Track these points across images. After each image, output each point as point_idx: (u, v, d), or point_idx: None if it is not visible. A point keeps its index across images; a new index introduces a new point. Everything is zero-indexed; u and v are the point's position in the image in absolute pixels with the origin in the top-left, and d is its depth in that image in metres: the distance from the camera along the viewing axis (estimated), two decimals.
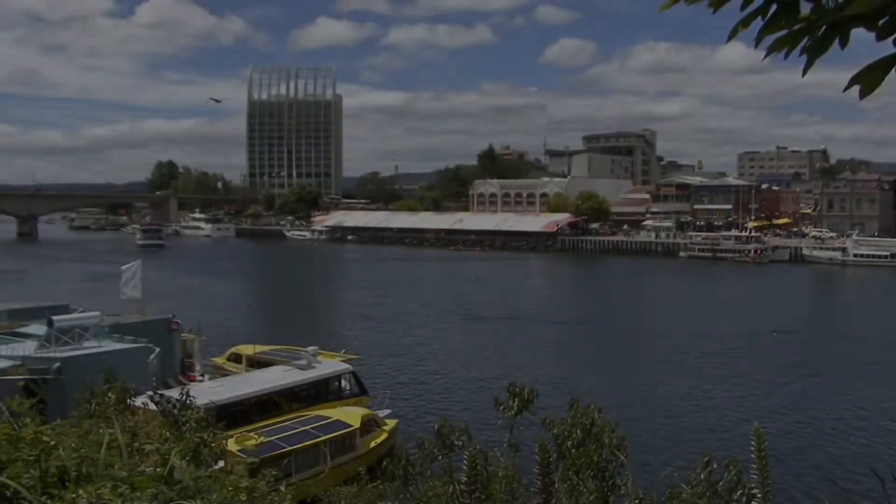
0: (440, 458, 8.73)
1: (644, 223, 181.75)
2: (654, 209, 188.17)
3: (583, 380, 51.38)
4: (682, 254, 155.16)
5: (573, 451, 7.94)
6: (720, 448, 34.38)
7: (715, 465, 7.31)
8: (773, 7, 2.54)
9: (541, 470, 4.59)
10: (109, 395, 8.63)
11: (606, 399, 40.95)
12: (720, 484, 7.22)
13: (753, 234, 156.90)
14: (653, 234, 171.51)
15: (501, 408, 9.10)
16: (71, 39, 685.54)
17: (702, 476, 7.28)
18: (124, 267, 48.46)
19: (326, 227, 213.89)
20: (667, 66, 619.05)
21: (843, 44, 2.55)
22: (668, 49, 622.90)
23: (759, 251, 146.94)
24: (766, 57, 2.69)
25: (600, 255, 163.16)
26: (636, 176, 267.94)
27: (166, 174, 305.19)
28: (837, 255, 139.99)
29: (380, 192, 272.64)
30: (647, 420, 42.17)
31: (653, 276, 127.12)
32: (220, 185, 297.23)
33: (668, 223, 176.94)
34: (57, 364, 31.41)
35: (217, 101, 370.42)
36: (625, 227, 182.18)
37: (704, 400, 47.07)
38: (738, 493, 7.07)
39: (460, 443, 8.75)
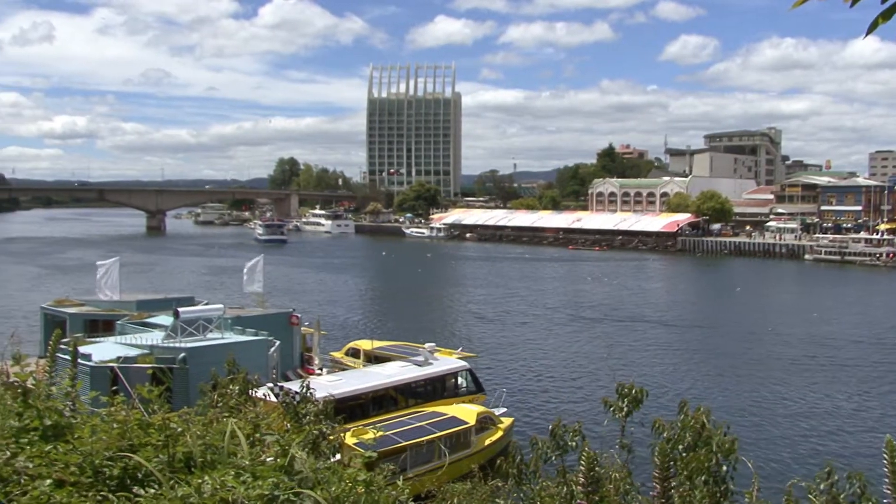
0: (553, 458, 8.68)
1: (768, 224, 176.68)
2: (779, 210, 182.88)
3: (697, 383, 50.66)
4: (807, 256, 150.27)
5: (684, 455, 7.80)
6: (839, 459, 33.33)
7: (836, 478, 7.06)
8: None
9: (660, 475, 4.52)
10: (233, 385, 8.84)
11: (720, 403, 40.20)
12: (842, 496, 6.97)
13: (886, 236, 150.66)
14: (777, 236, 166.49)
15: (611, 409, 9.00)
16: (198, 41, 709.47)
17: (821, 487, 7.03)
18: (248, 264, 49.60)
19: (445, 224, 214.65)
20: (793, 63, 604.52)
21: None
22: (793, 45, 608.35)
23: (891, 255, 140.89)
24: None
25: (721, 257, 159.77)
26: (760, 176, 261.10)
27: (288, 171, 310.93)
28: None
29: (498, 190, 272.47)
30: (762, 426, 41.26)
31: (776, 279, 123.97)
32: (340, 181, 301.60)
33: (793, 224, 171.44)
34: (182, 354, 32.38)
35: None
36: (747, 227, 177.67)
37: (825, 408, 45.70)
38: None
39: (574, 444, 8.68)
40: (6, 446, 3.80)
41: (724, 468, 7.71)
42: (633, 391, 8.95)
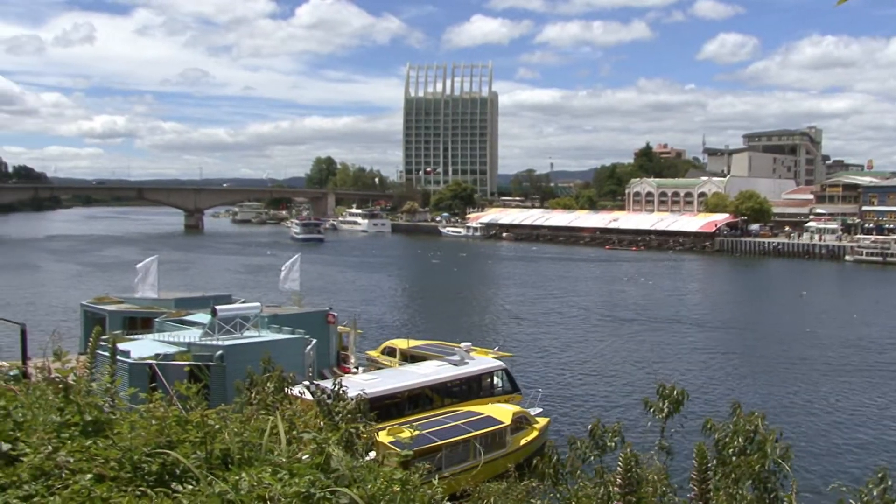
0: (592, 458, 8.63)
1: (807, 225, 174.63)
2: (819, 210, 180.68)
3: (736, 386, 50.14)
4: (847, 258, 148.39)
5: (733, 458, 7.69)
6: (878, 466, 32.88)
7: (890, 483, 6.92)
8: None
9: (698, 476, 4.47)
10: (268, 383, 8.89)
11: (757, 405, 39.74)
12: None
13: None
14: (817, 237, 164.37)
15: (651, 409, 8.91)
16: (236, 41, 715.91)
17: (874, 493, 6.89)
18: (286, 263, 49.84)
19: (481, 223, 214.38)
20: (834, 61, 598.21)
21: None
22: (835, 43, 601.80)
23: None
24: None
25: (759, 257, 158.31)
26: (799, 176, 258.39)
27: (325, 170, 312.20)
28: None
29: (535, 189, 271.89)
30: (804, 430, 40.78)
31: (815, 281, 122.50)
32: (377, 180, 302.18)
33: (833, 225, 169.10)
34: (220, 352, 32.60)
35: None
36: (786, 228, 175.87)
37: (863, 414, 45.07)
38: None
39: (613, 444, 8.63)
40: (48, 441, 3.85)
41: (776, 476, 7.60)
42: (675, 392, 8.87)
